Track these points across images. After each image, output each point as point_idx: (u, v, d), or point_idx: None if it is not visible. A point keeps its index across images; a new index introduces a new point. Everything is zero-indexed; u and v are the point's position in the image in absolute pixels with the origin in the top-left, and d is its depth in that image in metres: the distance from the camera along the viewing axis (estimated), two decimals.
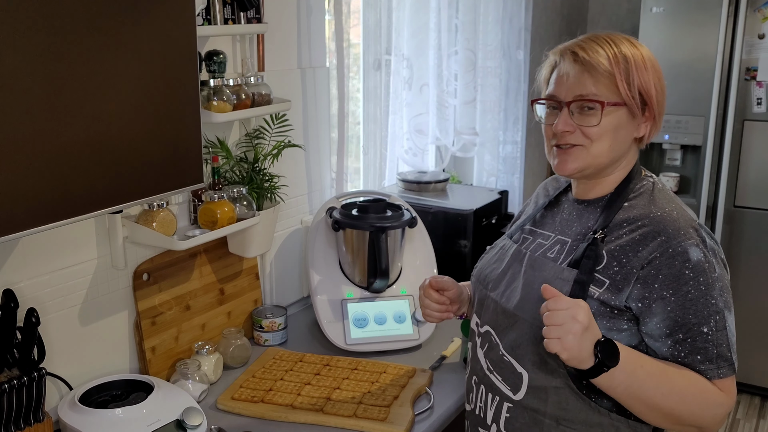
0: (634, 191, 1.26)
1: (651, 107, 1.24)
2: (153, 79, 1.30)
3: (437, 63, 2.71)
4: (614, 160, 1.26)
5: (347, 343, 1.82)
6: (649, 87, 1.23)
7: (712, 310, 1.14)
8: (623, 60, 1.21)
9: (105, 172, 1.25)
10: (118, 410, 1.38)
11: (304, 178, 2.10)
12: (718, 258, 1.18)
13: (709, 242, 1.18)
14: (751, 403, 3.50)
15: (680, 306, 1.14)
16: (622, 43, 1.23)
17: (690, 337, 1.14)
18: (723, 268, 1.18)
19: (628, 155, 1.28)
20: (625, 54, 1.22)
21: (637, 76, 1.21)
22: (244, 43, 1.79)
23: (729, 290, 1.18)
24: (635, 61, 1.22)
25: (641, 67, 1.22)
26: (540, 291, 1.12)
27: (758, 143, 3.29)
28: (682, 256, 1.14)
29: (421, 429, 1.50)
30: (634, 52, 1.23)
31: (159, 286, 1.65)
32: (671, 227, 1.17)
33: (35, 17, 1.09)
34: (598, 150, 1.23)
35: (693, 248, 1.14)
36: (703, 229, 1.20)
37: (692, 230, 1.17)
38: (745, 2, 3.16)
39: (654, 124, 1.26)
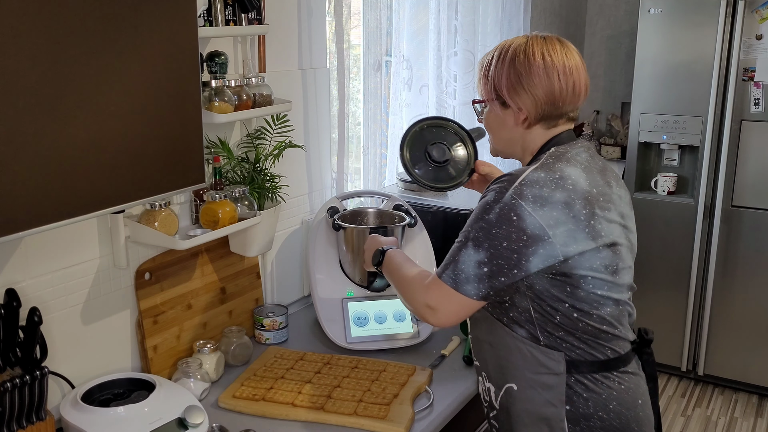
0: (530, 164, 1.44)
1: (504, 98, 1.42)
2: (155, 80, 1.31)
3: (437, 64, 2.72)
4: (508, 144, 1.48)
5: (347, 342, 1.83)
6: (500, 82, 1.41)
7: (464, 233, 1.37)
8: (488, 64, 1.44)
9: (107, 172, 1.26)
10: (120, 409, 1.38)
11: (305, 179, 2.11)
12: (505, 211, 1.31)
13: (510, 198, 1.32)
14: (749, 401, 3.51)
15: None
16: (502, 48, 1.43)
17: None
18: (501, 221, 1.31)
19: (527, 139, 1.45)
20: (493, 58, 1.44)
21: (493, 75, 1.42)
22: (245, 44, 1.80)
23: (490, 238, 1.31)
24: (494, 61, 1.43)
25: (498, 66, 1.42)
26: None
27: (756, 143, 3.30)
28: (485, 195, 1.38)
29: (420, 427, 1.51)
30: (502, 53, 1.42)
31: (161, 285, 1.66)
32: (502, 176, 1.39)
33: (38, 18, 1.10)
34: (493, 138, 1.51)
35: (491, 193, 1.35)
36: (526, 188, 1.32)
37: (506, 182, 1.35)
38: (742, 3, 3.18)
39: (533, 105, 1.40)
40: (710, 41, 3.27)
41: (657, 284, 3.63)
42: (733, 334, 3.51)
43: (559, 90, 1.39)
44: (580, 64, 1.43)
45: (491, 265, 1.31)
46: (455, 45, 2.83)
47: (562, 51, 1.41)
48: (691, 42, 3.33)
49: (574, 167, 1.37)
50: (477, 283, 1.33)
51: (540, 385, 1.38)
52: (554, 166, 1.36)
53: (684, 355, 3.64)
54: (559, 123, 1.44)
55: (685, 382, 3.70)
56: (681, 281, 3.57)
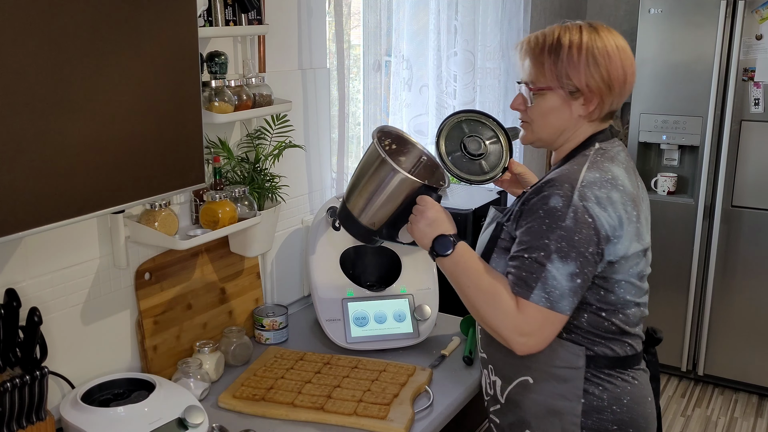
0: (573, 159, 1.39)
1: (583, 92, 1.36)
2: (155, 80, 1.31)
3: (437, 64, 2.72)
4: (555, 133, 1.41)
5: (347, 342, 1.83)
6: (579, 74, 1.34)
7: (540, 247, 1.28)
8: (557, 49, 1.35)
9: (107, 172, 1.26)
10: (120, 409, 1.38)
11: (305, 179, 2.11)
12: (578, 214, 1.27)
13: (578, 200, 1.28)
14: (749, 401, 3.51)
15: (524, 233, 1.32)
16: (570, 32, 1.36)
17: (518, 255, 1.32)
18: (578, 225, 1.27)
19: (577, 130, 1.40)
20: (561, 42, 1.35)
21: (567, 65, 1.34)
22: (245, 44, 1.80)
23: (575, 245, 1.27)
24: (569, 50, 1.34)
25: (574, 57, 1.34)
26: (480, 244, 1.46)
27: (755, 143, 3.31)
28: (544, 199, 1.31)
29: (420, 427, 1.51)
30: (573, 41, 1.35)
31: (161, 285, 1.66)
32: (556, 178, 1.33)
33: (39, 19, 1.10)
34: (539, 126, 1.42)
35: (556, 196, 1.29)
36: (588, 190, 1.29)
37: (567, 185, 1.30)
38: (742, 3, 3.18)
39: (601, 103, 1.37)
40: (710, 41, 3.27)
41: (657, 284, 3.62)
42: (733, 334, 3.51)
43: (628, 84, 1.38)
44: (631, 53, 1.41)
45: (583, 275, 1.28)
46: (455, 45, 2.83)
47: (624, 43, 1.39)
48: (691, 42, 3.33)
49: (619, 167, 1.37)
50: (572, 297, 1.28)
51: (557, 378, 1.38)
52: (603, 165, 1.35)
53: (684, 355, 3.64)
54: (605, 119, 1.43)
55: (685, 382, 3.70)
56: (681, 281, 3.57)
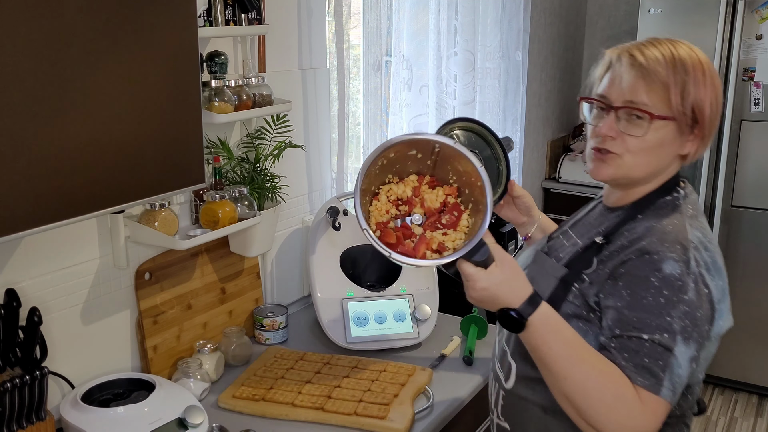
0: (657, 204, 1.19)
1: (702, 125, 1.16)
2: (155, 80, 1.31)
3: (437, 64, 2.72)
4: (651, 174, 1.19)
5: (347, 342, 1.83)
6: (704, 104, 1.14)
7: (662, 326, 1.05)
8: (682, 71, 1.14)
9: (107, 172, 1.25)
10: (120, 409, 1.38)
11: (305, 179, 2.11)
12: (699, 285, 1.07)
13: (695, 267, 1.08)
14: (749, 401, 3.51)
15: (632, 306, 1.07)
16: (683, 50, 1.16)
17: (627, 335, 1.06)
18: (701, 299, 1.07)
19: (668, 170, 1.20)
20: (684, 64, 1.14)
21: (694, 91, 1.14)
22: (245, 44, 1.80)
23: (698, 324, 1.06)
24: (695, 73, 1.14)
25: (700, 81, 1.14)
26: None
27: (755, 143, 3.30)
28: (654, 264, 1.08)
29: (420, 427, 1.51)
30: (695, 63, 1.15)
31: (161, 285, 1.66)
32: (657, 236, 1.11)
33: (38, 18, 1.10)
34: (635, 162, 1.16)
35: (671, 261, 1.07)
36: (698, 253, 1.10)
37: (679, 246, 1.09)
38: (742, 3, 3.18)
39: (702, 143, 1.18)
40: (710, 41, 3.27)
41: None
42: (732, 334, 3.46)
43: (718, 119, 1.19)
44: None
45: (699, 357, 1.08)
46: (455, 45, 2.83)
47: None
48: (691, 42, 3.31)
49: (703, 218, 1.19)
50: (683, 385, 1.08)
51: None
52: (698, 220, 1.16)
53: None
54: None
55: None
56: None
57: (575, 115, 4.30)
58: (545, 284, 1.18)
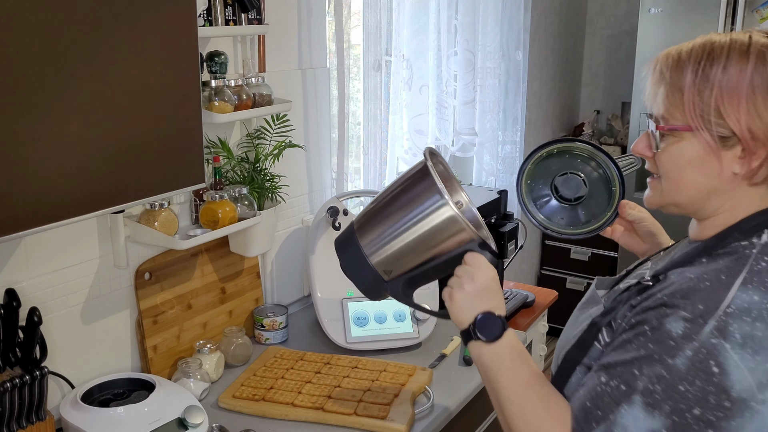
0: (725, 248, 0.94)
1: (746, 140, 0.90)
2: (154, 80, 1.30)
3: (437, 64, 2.71)
4: (698, 199, 0.98)
5: (347, 342, 1.83)
6: (736, 111, 0.90)
7: (624, 376, 0.89)
8: (705, 68, 0.92)
9: (107, 171, 1.25)
10: (119, 409, 1.38)
11: (305, 178, 2.11)
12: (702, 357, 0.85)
13: (710, 336, 0.86)
14: None
15: (620, 344, 0.93)
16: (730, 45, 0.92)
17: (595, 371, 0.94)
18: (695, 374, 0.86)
19: (734, 197, 0.96)
20: (714, 59, 0.92)
21: (717, 91, 0.91)
22: (245, 43, 1.80)
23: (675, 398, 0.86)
24: (723, 71, 0.91)
25: (731, 82, 0.90)
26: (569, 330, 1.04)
27: None
28: (661, 315, 0.89)
29: (420, 427, 1.51)
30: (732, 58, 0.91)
31: (161, 285, 1.66)
32: (687, 288, 0.90)
33: (38, 18, 1.10)
34: (670, 185, 0.98)
35: (677, 319, 0.88)
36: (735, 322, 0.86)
37: (702, 306, 0.87)
38: (743, 3, 3.18)
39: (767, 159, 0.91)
40: None
41: None
42: None
43: None
44: None
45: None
46: (455, 45, 2.83)
47: None
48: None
49: None
50: None
51: None
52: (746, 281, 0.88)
53: None
54: None
55: None
56: None
57: (575, 114, 4.30)
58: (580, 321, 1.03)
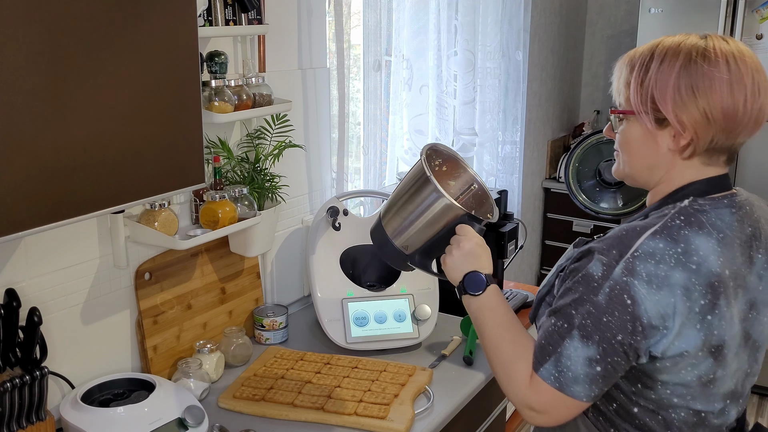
0: (657, 210, 1.14)
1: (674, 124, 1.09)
2: (154, 80, 1.30)
3: (437, 64, 2.72)
4: (643, 171, 1.17)
5: (348, 342, 1.83)
6: (662, 91, 1.08)
7: (565, 315, 1.09)
8: (643, 64, 1.11)
9: (107, 171, 1.25)
10: (119, 409, 1.38)
11: (305, 178, 2.11)
12: (617, 293, 1.05)
13: (621, 275, 1.05)
14: (750, 401, 3.51)
15: (563, 292, 1.12)
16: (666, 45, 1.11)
17: (549, 316, 1.13)
18: (612, 306, 1.05)
19: (672, 169, 1.14)
20: (652, 56, 1.11)
21: (654, 80, 1.09)
22: (245, 44, 1.80)
23: (601, 329, 1.05)
24: (656, 62, 1.09)
25: (660, 68, 1.09)
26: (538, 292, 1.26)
27: (756, 143, 3.30)
28: (587, 261, 1.09)
29: (420, 427, 1.51)
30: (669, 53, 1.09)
31: (161, 285, 1.66)
32: (610, 238, 1.10)
33: (38, 18, 1.10)
34: (624, 159, 1.19)
35: (598, 262, 1.07)
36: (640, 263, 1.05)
37: (616, 251, 1.07)
38: (743, 3, 3.18)
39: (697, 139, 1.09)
40: None
41: None
42: None
43: (743, 113, 1.06)
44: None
45: (605, 364, 1.06)
46: (455, 45, 2.83)
47: (752, 60, 1.09)
48: None
49: (707, 237, 1.07)
50: (589, 384, 1.07)
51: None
52: (680, 233, 1.07)
53: None
54: (719, 160, 1.13)
55: None
56: None
57: (575, 114, 4.30)
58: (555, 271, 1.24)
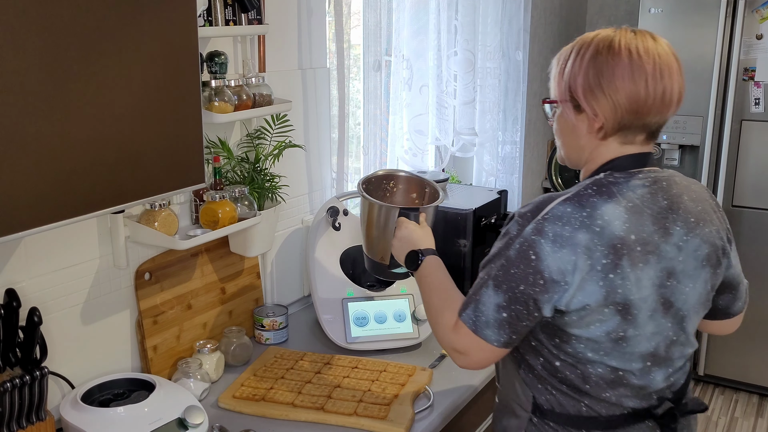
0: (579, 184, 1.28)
1: (587, 109, 1.21)
2: (154, 80, 1.31)
3: (437, 64, 2.71)
4: (574, 154, 1.31)
5: (348, 342, 1.83)
6: (575, 81, 1.21)
7: (487, 269, 1.24)
8: (564, 59, 1.25)
9: (107, 172, 1.25)
10: (119, 409, 1.38)
11: (305, 178, 2.11)
12: (524, 249, 1.18)
13: (530, 234, 1.18)
14: (749, 401, 3.51)
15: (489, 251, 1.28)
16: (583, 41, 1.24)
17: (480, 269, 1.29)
18: (520, 260, 1.18)
19: (595, 149, 1.26)
20: (571, 52, 1.24)
21: (570, 72, 1.23)
22: (245, 44, 1.80)
23: (509, 279, 1.19)
24: (573, 56, 1.23)
25: (575, 62, 1.22)
26: None
27: (756, 143, 3.30)
28: (507, 225, 1.25)
29: (420, 427, 1.51)
30: (583, 46, 1.23)
31: (161, 285, 1.66)
32: (531, 203, 1.25)
33: (38, 18, 1.10)
34: (559, 145, 1.33)
35: (515, 222, 1.23)
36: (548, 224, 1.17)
37: (529, 213, 1.22)
38: (743, 3, 3.18)
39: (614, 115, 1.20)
40: (710, 41, 3.27)
41: None
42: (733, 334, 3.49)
43: (645, 96, 1.18)
44: (675, 65, 1.21)
45: (510, 311, 1.19)
46: (455, 45, 2.83)
47: (655, 48, 1.20)
48: (692, 42, 3.33)
49: (615, 205, 1.18)
50: (498, 329, 1.20)
51: (511, 411, 1.34)
52: (589, 200, 1.18)
53: None
54: (636, 139, 1.24)
55: None
56: None
57: None
58: None
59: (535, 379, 1.29)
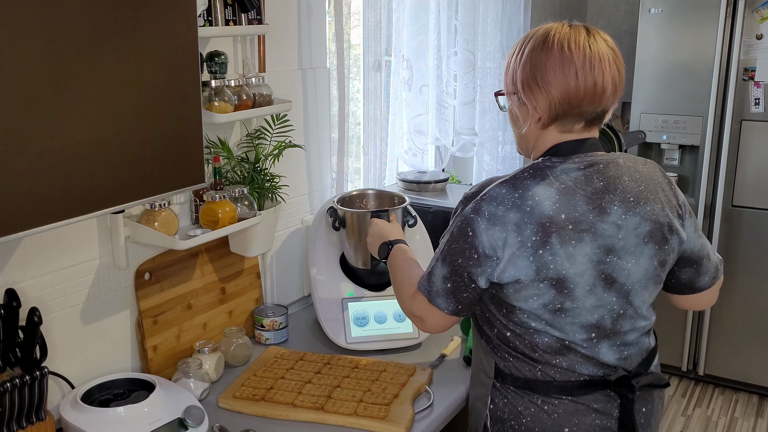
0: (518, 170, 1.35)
1: (527, 101, 1.30)
2: (154, 80, 1.31)
3: (437, 64, 2.72)
4: (522, 142, 1.38)
5: (347, 342, 1.83)
6: (515, 75, 1.30)
7: (439, 247, 1.35)
8: (512, 52, 1.33)
9: (107, 172, 1.26)
10: (119, 409, 1.38)
11: (305, 178, 2.11)
12: (464, 226, 1.28)
13: (470, 213, 1.28)
14: (749, 401, 3.51)
15: None
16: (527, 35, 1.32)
17: None
18: (459, 237, 1.28)
19: (539, 137, 1.34)
20: (516, 47, 1.33)
21: (513, 67, 1.31)
22: (245, 44, 1.80)
23: (451, 253, 1.30)
24: (516, 51, 1.32)
25: (517, 57, 1.30)
26: None
27: (756, 143, 3.30)
28: (456, 206, 1.35)
29: (421, 427, 1.51)
30: (522, 44, 1.31)
31: (161, 285, 1.66)
32: (474, 187, 1.34)
33: (38, 18, 1.10)
34: (514, 134, 1.41)
35: (460, 202, 1.34)
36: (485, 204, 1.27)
37: (471, 194, 1.32)
38: (743, 3, 3.18)
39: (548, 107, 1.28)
40: (710, 41, 3.27)
41: None
42: (733, 334, 3.51)
43: (576, 89, 1.24)
44: (608, 56, 1.26)
45: (453, 282, 1.31)
46: (455, 45, 2.83)
47: (586, 41, 1.26)
48: (692, 42, 3.33)
49: (547, 187, 1.25)
50: (445, 298, 1.33)
51: (479, 380, 1.44)
52: (523, 182, 1.27)
53: (684, 355, 3.64)
54: (574, 128, 1.30)
55: (686, 381, 3.70)
56: None
57: None
58: None
59: (493, 348, 1.38)
